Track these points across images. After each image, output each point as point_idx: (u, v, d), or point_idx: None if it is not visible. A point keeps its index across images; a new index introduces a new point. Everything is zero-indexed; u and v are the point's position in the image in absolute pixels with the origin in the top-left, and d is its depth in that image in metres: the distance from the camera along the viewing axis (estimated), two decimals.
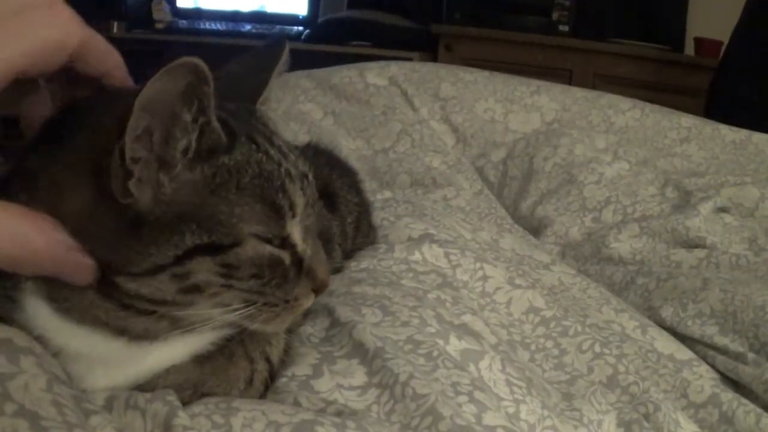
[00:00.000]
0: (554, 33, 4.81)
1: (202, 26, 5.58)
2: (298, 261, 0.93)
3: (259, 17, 5.67)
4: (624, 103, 2.75)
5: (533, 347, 1.33)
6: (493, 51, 4.75)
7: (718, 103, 3.56)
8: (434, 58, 4.84)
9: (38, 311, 0.88)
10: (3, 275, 0.86)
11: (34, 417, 0.74)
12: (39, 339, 0.89)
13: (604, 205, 2.10)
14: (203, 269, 0.85)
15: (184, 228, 0.83)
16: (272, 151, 0.90)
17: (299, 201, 0.91)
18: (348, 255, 1.54)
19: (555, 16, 4.83)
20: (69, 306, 0.87)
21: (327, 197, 1.53)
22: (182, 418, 0.86)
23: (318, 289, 0.97)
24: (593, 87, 2.87)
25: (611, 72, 4.54)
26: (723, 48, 3.90)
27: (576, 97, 2.75)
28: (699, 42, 4.67)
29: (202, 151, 0.84)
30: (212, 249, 0.84)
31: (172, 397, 0.90)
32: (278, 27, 5.50)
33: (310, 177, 0.97)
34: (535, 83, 2.80)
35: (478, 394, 1.02)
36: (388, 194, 2.07)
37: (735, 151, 2.53)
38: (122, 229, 0.83)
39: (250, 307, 0.91)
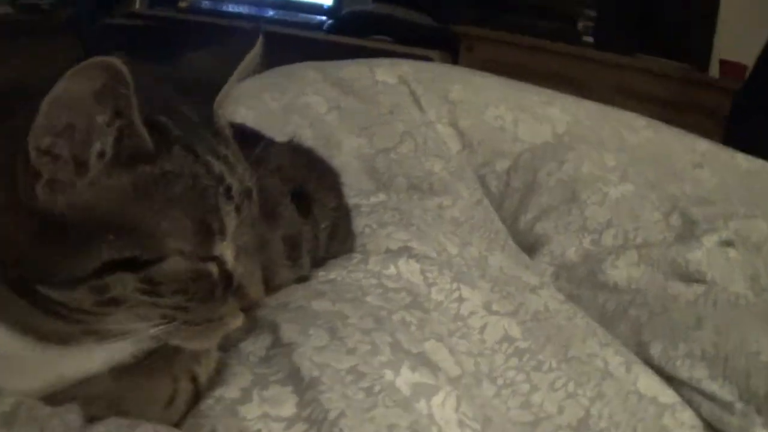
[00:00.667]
0: (578, 43, 4.73)
1: (225, 8, 5.52)
2: (227, 278, 0.87)
3: (283, 4, 5.60)
4: (638, 120, 2.65)
5: (501, 381, 1.25)
6: (514, 55, 4.67)
7: (738, 126, 3.48)
8: (455, 59, 4.77)
9: None
10: None
11: None
12: None
13: (605, 228, 2.01)
14: (122, 284, 0.78)
15: (102, 238, 0.77)
16: (214, 164, 0.84)
17: (231, 223, 0.85)
18: (319, 263, 1.46)
19: (580, 26, 4.75)
20: None
21: (301, 200, 1.45)
22: None
23: (247, 307, 0.90)
24: (612, 101, 2.77)
25: (632, 87, 4.44)
26: (747, 72, 3.81)
27: (589, 110, 2.66)
28: (724, 64, 4.57)
29: (122, 157, 0.77)
30: (133, 264, 0.78)
31: (74, 416, 0.83)
32: (302, 15, 5.43)
33: (254, 193, 0.90)
34: (548, 93, 2.71)
35: None
36: (382, 197, 1.99)
37: (749, 180, 2.43)
38: (37, 236, 0.76)
39: (170, 324, 0.84)
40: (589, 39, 4.76)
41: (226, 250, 0.85)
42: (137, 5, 5.55)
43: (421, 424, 0.98)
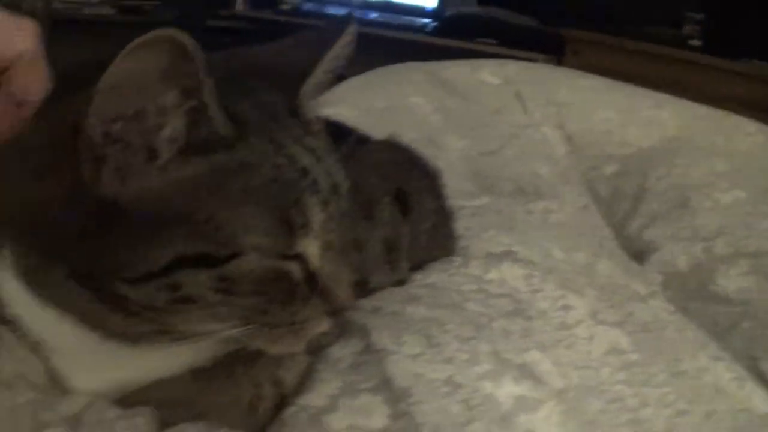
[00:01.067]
0: (684, 47, 4.65)
1: (327, 11, 5.54)
2: (311, 278, 0.82)
3: (386, 6, 5.60)
4: (749, 125, 2.55)
5: (608, 396, 1.17)
6: (619, 60, 4.59)
7: None
8: (559, 62, 4.71)
9: (13, 287, 0.81)
10: None
11: None
12: (16, 320, 0.80)
13: (717, 236, 1.92)
14: (195, 282, 0.72)
15: (173, 231, 0.71)
16: (299, 155, 0.79)
17: (316, 218, 0.80)
18: (418, 266, 1.40)
19: (686, 30, 4.67)
20: (43, 284, 0.76)
21: (400, 200, 1.40)
22: None
23: (333, 311, 0.85)
24: (719, 106, 2.70)
25: (739, 92, 4.32)
26: None
27: (699, 114, 2.57)
28: None
29: (196, 143, 0.72)
30: (206, 260, 0.73)
31: (143, 419, 0.78)
32: (405, 17, 5.43)
33: (344, 188, 0.85)
34: (657, 96, 2.63)
35: None
36: (485, 200, 1.93)
37: None
38: (104, 226, 0.72)
39: (250, 326, 0.80)
40: (696, 43, 4.66)
41: (309, 247, 0.80)
42: (239, 7, 5.61)
43: None
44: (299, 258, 0.80)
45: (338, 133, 0.93)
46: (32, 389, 0.75)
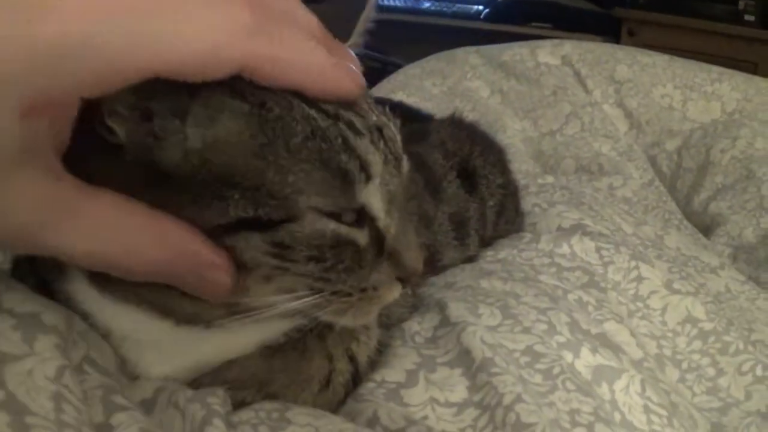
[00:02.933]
0: (740, 23, 4.58)
1: (381, 2, 5.51)
2: (378, 240, 0.76)
3: None
4: None
5: (685, 365, 1.17)
6: (675, 38, 4.54)
7: None
8: (616, 44, 4.67)
9: (80, 283, 0.78)
10: None
11: (21, 410, 0.61)
12: (85, 314, 0.79)
13: None
14: (250, 247, 0.70)
15: (226, 194, 0.67)
16: (324, 105, 0.71)
17: (373, 159, 0.73)
18: (487, 243, 1.40)
19: (741, 5, 4.60)
20: (108, 277, 0.74)
21: (466, 176, 1.39)
22: (217, 427, 0.73)
23: (405, 277, 0.79)
24: None
25: None
26: None
27: (760, 87, 2.54)
28: None
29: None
30: (260, 224, 0.69)
31: (215, 399, 0.77)
32: (458, 5, 5.39)
33: (389, 130, 0.78)
34: (716, 70, 2.60)
35: (599, 428, 0.87)
36: (549, 179, 1.94)
37: None
38: (154, 196, 0.69)
39: (317, 296, 0.75)
40: (751, 18, 4.60)
41: (372, 197, 0.74)
42: None
43: (605, 410, 0.91)
44: (365, 217, 0.74)
45: (403, 113, 0.89)
46: (104, 374, 0.74)
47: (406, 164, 0.80)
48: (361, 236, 0.74)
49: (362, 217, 0.74)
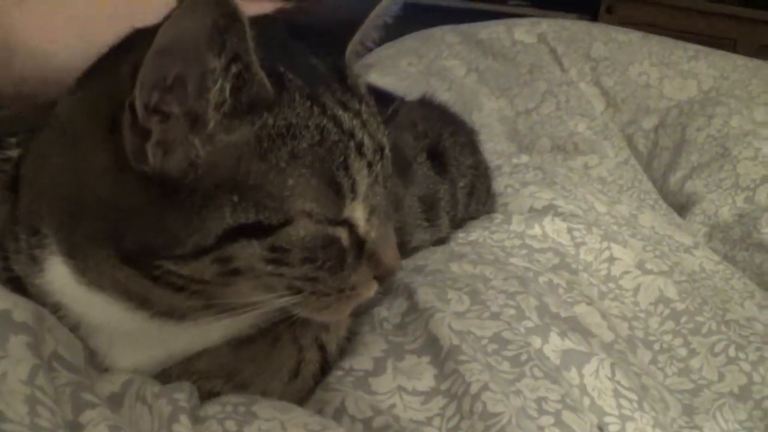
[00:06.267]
0: (719, 0, 4.58)
1: None
2: (359, 244, 0.80)
3: None
4: None
5: (657, 346, 1.17)
6: (654, 15, 4.53)
7: None
8: (594, 21, 4.67)
9: (57, 272, 0.80)
10: (33, 231, 0.80)
11: None
12: (56, 306, 0.80)
13: (759, 184, 1.90)
14: (247, 254, 0.73)
15: (223, 202, 0.70)
16: (344, 117, 0.77)
17: (363, 182, 0.78)
18: (458, 224, 1.40)
19: None
20: (88, 265, 0.75)
21: (436, 157, 1.39)
22: (183, 424, 0.73)
23: (381, 276, 0.83)
24: (755, 57, 2.67)
25: None
26: None
27: (736, 64, 2.54)
28: None
29: (241, 106, 0.71)
30: (259, 230, 0.72)
31: (182, 395, 0.78)
32: None
33: (387, 150, 0.83)
34: (693, 47, 2.60)
35: (567, 416, 0.87)
36: (524, 159, 1.93)
37: None
38: (150, 203, 0.71)
39: (297, 295, 0.78)
40: None
41: (356, 211, 0.79)
42: None
43: (572, 396, 0.92)
44: (347, 223, 0.78)
45: (377, 96, 0.90)
46: (72, 371, 0.74)
47: (393, 176, 0.86)
48: (345, 238, 0.79)
49: (345, 223, 0.79)
